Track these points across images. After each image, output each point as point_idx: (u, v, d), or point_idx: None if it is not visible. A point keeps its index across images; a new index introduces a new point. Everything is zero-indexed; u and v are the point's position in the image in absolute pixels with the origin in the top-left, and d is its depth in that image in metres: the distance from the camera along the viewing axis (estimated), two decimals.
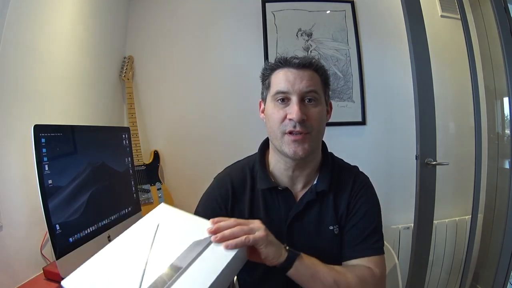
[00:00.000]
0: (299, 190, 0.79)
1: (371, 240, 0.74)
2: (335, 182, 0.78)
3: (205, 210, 0.82)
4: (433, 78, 1.39)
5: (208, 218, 0.82)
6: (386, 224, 0.78)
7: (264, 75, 0.78)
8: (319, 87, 0.73)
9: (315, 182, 0.78)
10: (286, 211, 0.77)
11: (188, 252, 0.55)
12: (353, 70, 1.77)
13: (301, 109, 0.69)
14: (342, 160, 0.86)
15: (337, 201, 0.77)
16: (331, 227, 0.76)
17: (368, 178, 0.83)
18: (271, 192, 0.78)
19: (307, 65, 0.72)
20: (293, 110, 0.69)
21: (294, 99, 0.70)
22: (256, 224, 0.61)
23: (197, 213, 0.83)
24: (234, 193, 0.79)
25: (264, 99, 0.79)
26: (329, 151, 0.84)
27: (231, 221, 0.59)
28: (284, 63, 0.73)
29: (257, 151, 0.84)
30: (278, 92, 0.71)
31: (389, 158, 1.79)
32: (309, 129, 0.70)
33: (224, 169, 0.87)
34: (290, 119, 0.69)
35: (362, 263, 0.71)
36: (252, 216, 0.78)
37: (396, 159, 1.78)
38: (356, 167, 0.85)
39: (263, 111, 0.79)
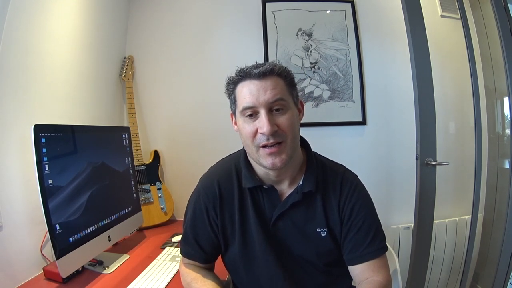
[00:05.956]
0: (285, 189, 0.79)
1: (376, 241, 0.74)
2: (321, 182, 0.78)
3: (195, 215, 0.81)
4: (433, 78, 1.38)
5: (199, 222, 0.80)
6: (386, 224, 0.78)
7: (228, 90, 0.76)
8: (285, 92, 0.71)
9: (300, 182, 0.77)
10: (271, 210, 0.77)
11: None
12: (353, 70, 1.77)
13: (271, 121, 0.67)
14: (327, 158, 0.85)
15: (326, 204, 0.77)
16: (318, 229, 0.76)
17: (357, 176, 0.82)
18: (257, 191, 0.78)
19: (268, 72, 0.69)
20: (263, 123, 0.67)
21: (262, 112, 0.68)
22: None
23: (187, 218, 0.83)
24: (221, 194, 0.79)
25: (234, 113, 0.77)
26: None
27: None
28: (245, 75, 0.71)
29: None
30: (244, 108, 0.70)
31: (389, 158, 1.78)
32: (283, 137, 0.69)
33: (209, 169, 0.86)
34: (261, 133, 0.68)
35: (370, 268, 0.73)
36: (242, 215, 0.78)
37: (396, 159, 1.78)
38: (342, 166, 0.84)
39: (235, 123, 0.78)
